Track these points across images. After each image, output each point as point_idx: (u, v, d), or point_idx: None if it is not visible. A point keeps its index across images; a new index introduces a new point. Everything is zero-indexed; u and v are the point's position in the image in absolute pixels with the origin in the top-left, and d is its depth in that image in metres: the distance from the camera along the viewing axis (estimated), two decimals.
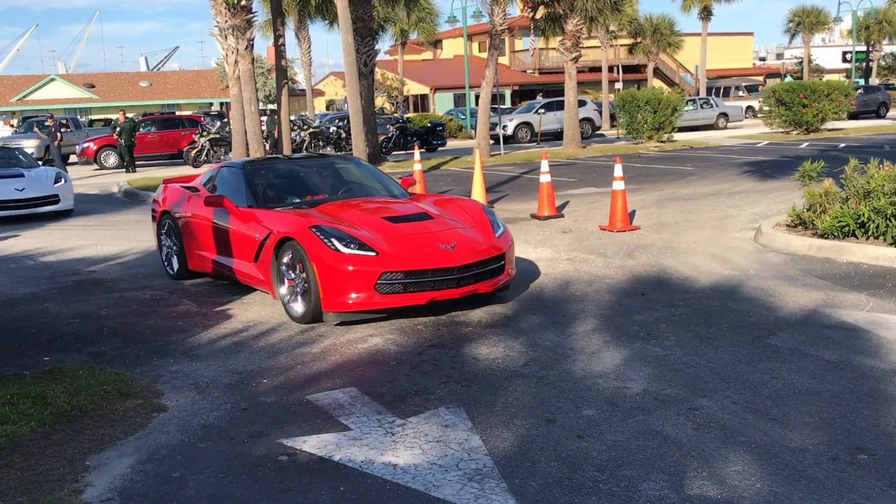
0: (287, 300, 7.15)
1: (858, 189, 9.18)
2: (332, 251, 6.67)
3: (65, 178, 15.95)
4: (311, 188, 8.59)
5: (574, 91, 27.34)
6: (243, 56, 19.39)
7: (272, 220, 7.43)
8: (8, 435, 4.67)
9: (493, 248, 7.23)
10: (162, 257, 9.40)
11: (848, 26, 62.29)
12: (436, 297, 6.77)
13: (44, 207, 15.35)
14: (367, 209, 7.63)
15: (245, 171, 8.48)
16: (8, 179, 15.34)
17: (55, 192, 15.48)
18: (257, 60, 44.71)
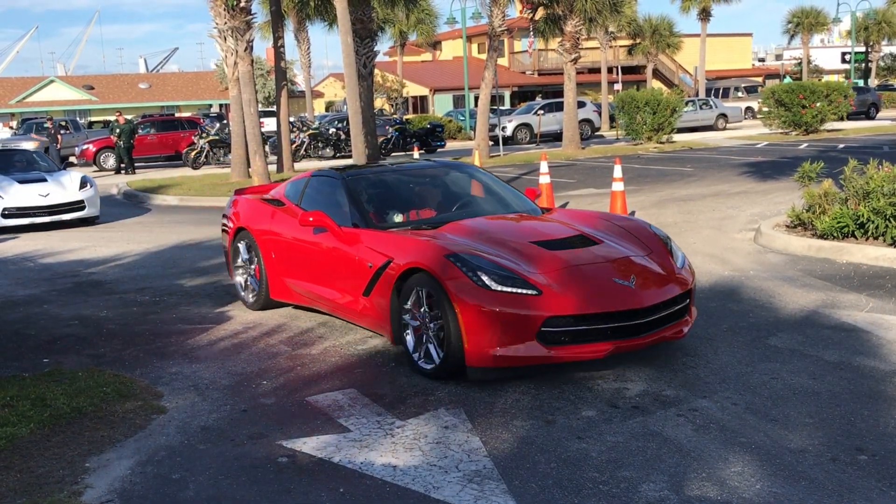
0: (413, 348, 5.72)
1: (858, 190, 9.18)
2: (480, 289, 5.19)
3: (90, 183, 14.90)
4: (426, 202, 7.09)
5: (573, 92, 27.35)
6: (242, 58, 19.39)
7: (389, 244, 6.00)
8: (7, 437, 4.67)
9: (678, 282, 5.74)
10: (237, 283, 7.91)
11: (847, 27, 62.33)
12: (617, 349, 5.29)
13: (69, 214, 14.31)
14: (507, 230, 6.16)
15: (346, 182, 6.95)
16: (31, 184, 14.32)
17: (81, 199, 14.42)
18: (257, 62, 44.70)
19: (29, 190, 14.12)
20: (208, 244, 11.75)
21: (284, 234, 7.15)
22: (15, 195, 13.98)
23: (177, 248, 11.52)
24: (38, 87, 57.64)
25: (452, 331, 5.26)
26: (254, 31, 20.09)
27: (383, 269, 5.86)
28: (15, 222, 13.86)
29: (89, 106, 56.95)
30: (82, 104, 57.17)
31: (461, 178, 7.50)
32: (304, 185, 7.44)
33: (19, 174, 14.84)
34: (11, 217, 13.86)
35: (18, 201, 13.92)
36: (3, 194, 13.95)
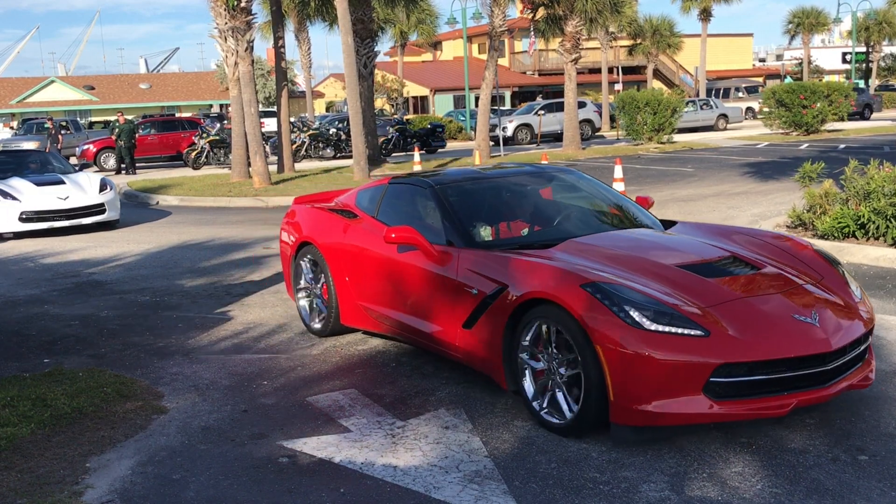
0: (532, 395, 4.70)
1: (858, 190, 9.18)
2: (631, 328, 4.17)
3: (110, 185, 14.16)
4: (534, 216, 5.99)
5: (574, 92, 27.34)
6: (243, 58, 19.39)
7: (498, 266, 4.98)
8: (8, 437, 4.67)
9: (861, 317, 4.70)
10: (299, 306, 6.94)
11: (847, 27, 62.32)
12: (800, 403, 4.26)
13: (89, 218, 13.51)
14: (640, 249, 5.12)
15: (438, 191, 5.83)
16: (49, 187, 13.56)
17: (101, 202, 13.64)
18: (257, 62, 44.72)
19: (47, 193, 13.39)
20: (209, 244, 11.76)
21: (360, 250, 6.13)
22: (33, 198, 13.24)
23: (177, 249, 11.52)
24: (38, 87, 57.66)
25: (593, 379, 4.25)
26: (254, 31, 20.09)
27: (493, 298, 4.86)
28: (33, 227, 13.17)
29: (90, 106, 56.97)
30: (83, 104, 57.18)
31: (566, 184, 6.34)
32: (381, 195, 6.38)
33: (35, 176, 14.15)
34: (29, 221, 13.13)
35: (37, 204, 13.17)
36: (21, 197, 13.20)
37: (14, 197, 13.16)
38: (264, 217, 14.74)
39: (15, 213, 13.04)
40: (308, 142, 29.14)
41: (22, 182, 13.65)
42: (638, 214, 6.03)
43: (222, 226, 13.80)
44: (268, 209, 16.01)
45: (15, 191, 13.30)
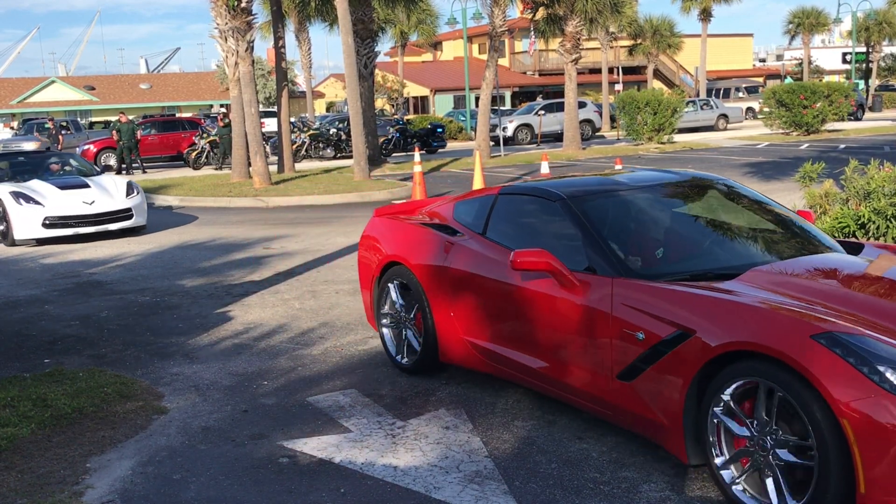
0: (733, 477, 3.66)
1: (859, 190, 9.18)
2: (889, 395, 3.16)
3: (136, 189, 13.33)
4: (695, 237, 4.91)
5: (574, 92, 27.35)
6: (243, 58, 19.40)
7: (679, 305, 3.89)
8: (8, 437, 4.67)
9: None
10: (382, 334, 5.94)
11: (848, 27, 62.32)
12: None
13: (116, 224, 12.72)
14: (855, 285, 4.11)
15: (573, 205, 4.76)
16: (73, 190, 12.73)
17: (128, 206, 12.87)
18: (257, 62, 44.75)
19: (71, 197, 12.55)
20: (209, 245, 11.76)
21: (467, 274, 5.13)
22: (57, 202, 12.38)
23: (177, 249, 11.52)
24: (39, 87, 57.69)
25: (832, 464, 3.23)
26: (254, 31, 20.09)
27: (671, 345, 3.82)
28: (57, 233, 12.30)
29: (90, 106, 57.00)
30: (83, 104, 57.21)
31: (722, 196, 5.22)
32: (489, 208, 5.35)
33: (57, 178, 13.39)
34: (53, 227, 12.27)
35: (61, 209, 12.32)
36: (44, 202, 12.35)
37: (36, 201, 12.34)
38: (264, 217, 14.75)
39: (38, 218, 12.22)
40: (308, 142, 29.15)
41: (44, 185, 12.84)
42: (815, 233, 4.96)
43: (223, 226, 13.80)
44: (268, 209, 16.01)
45: (37, 194, 12.49)
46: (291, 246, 11.24)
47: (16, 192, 12.46)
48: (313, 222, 13.66)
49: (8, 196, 12.40)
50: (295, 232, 12.57)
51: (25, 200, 12.33)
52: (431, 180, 19.54)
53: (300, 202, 16.70)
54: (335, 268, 9.52)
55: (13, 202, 12.29)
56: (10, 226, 12.24)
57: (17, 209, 12.22)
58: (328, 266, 9.67)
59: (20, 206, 12.24)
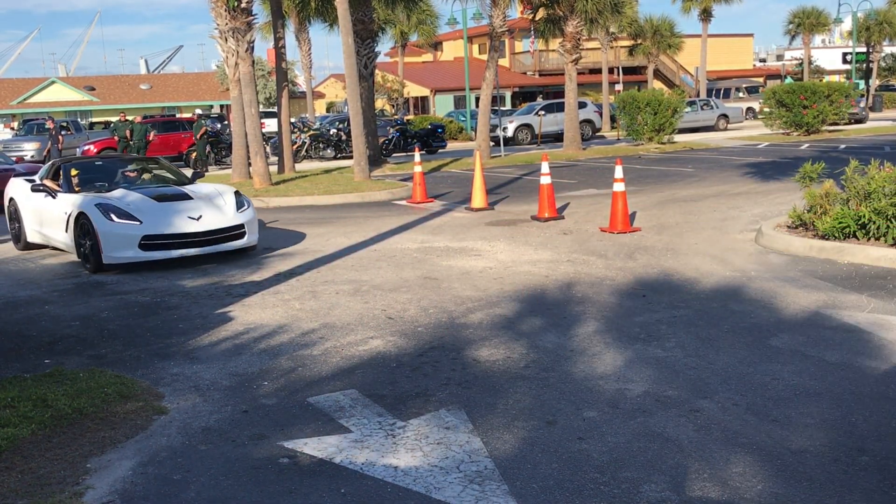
0: None
1: (859, 190, 9.18)
2: None
3: (247, 202, 10.95)
4: None
5: (574, 93, 27.34)
6: (243, 58, 19.40)
7: None
8: (9, 437, 4.67)
9: None
10: None
11: (848, 27, 62.31)
12: None
13: (227, 244, 10.32)
14: None
15: None
16: (174, 203, 10.40)
17: (241, 222, 10.46)
18: (257, 63, 44.74)
19: (173, 211, 10.21)
20: None
21: None
22: (157, 219, 10.01)
23: None
24: (39, 87, 57.71)
25: None
26: (255, 32, 20.09)
27: None
28: (158, 255, 9.87)
29: (90, 107, 57.04)
30: (83, 105, 57.24)
31: None
32: None
33: (149, 188, 11.09)
34: (153, 249, 9.86)
35: (163, 226, 9.95)
36: (141, 217, 9.92)
37: (132, 216, 9.90)
38: (265, 217, 14.74)
39: (134, 237, 9.75)
40: (309, 142, 29.15)
41: (136, 196, 10.46)
42: None
43: None
44: (268, 209, 16.01)
45: (131, 208, 10.07)
46: (292, 246, 11.24)
47: (104, 204, 10.03)
48: (314, 223, 13.65)
49: (95, 210, 9.92)
50: (296, 232, 12.57)
51: (117, 215, 9.85)
52: (432, 181, 19.54)
53: (300, 202, 16.70)
54: (335, 268, 9.52)
55: (101, 217, 9.82)
56: (99, 246, 9.77)
57: (107, 226, 9.75)
58: (328, 266, 9.67)
59: (111, 222, 9.77)
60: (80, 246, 10.14)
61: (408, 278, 8.81)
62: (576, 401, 5.04)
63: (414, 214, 14.08)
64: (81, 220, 10.01)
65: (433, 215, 13.85)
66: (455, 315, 7.20)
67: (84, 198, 10.29)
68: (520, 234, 11.46)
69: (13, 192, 12.19)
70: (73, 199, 10.43)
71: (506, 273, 8.86)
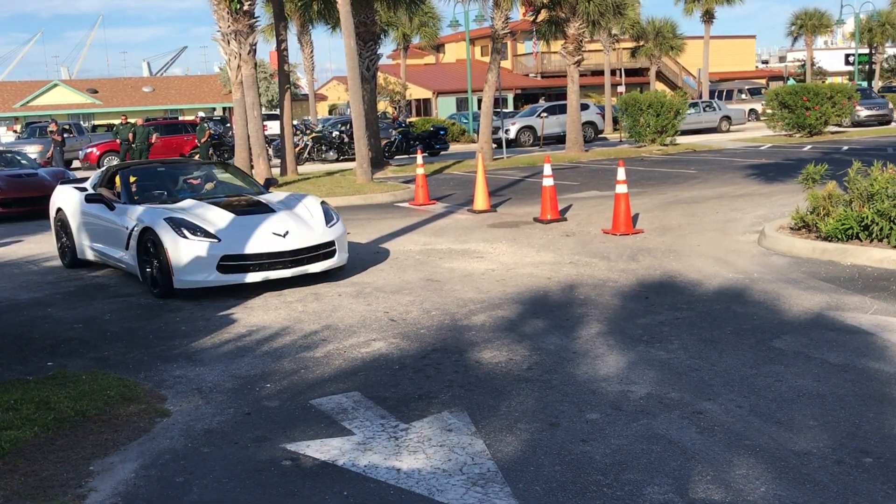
0: None
1: (862, 192, 9.16)
2: None
3: (335, 215, 9.36)
4: None
5: (576, 94, 27.34)
6: (246, 61, 19.42)
7: None
8: (11, 440, 4.67)
9: None
10: None
11: (850, 29, 62.26)
12: None
13: (318, 264, 8.79)
14: None
15: None
16: (255, 216, 8.87)
17: (331, 239, 8.91)
18: (260, 65, 44.75)
19: (255, 225, 8.65)
20: None
21: None
22: (237, 235, 8.45)
23: None
24: (42, 90, 57.80)
25: None
26: (257, 34, 20.12)
27: None
28: (239, 279, 8.38)
29: (93, 110, 57.12)
30: (86, 108, 57.33)
31: None
32: None
33: (220, 198, 9.65)
34: (233, 271, 8.35)
35: (245, 245, 8.39)
36: (220, 235, 8.41)
37: (208, 233, 8.40)
38: None
39: (211, 258, 8.26)
40: (311, 145, 29.16)
41: (210, 208, 8.96)
42: None
43: None
44: None
45: (207, 223, 8.58)
46: None
47: (175, 218, 8.58)
48: None
49: (164, 225, 8.47)
50: None
51: (191, 231, 8.40)
52: (434, 182, 19.54)
53: None
54: (338, 270, 9.51)
55: (172, 234, 8.37)
56: (170, 267, 8.29)
57: (179, 244, 8.29)
58: None
59: (185, 239, 8.33)
60: (144, 266, 8.72)
61: (410, 280, 8.81)
62: (579, 403, 5.03)
63: (416, 216, 14.08)
64: (147, 236, 8.60)
65: (435, 217, 13.85)
66: (457, 317, 7.20)
67: (149, 210, 8.94)
68: (522, 236, 11.45)
69: (61, 201, 10.81)
70: (136, 211, 9.07)
71: (508, 275, 8.85)
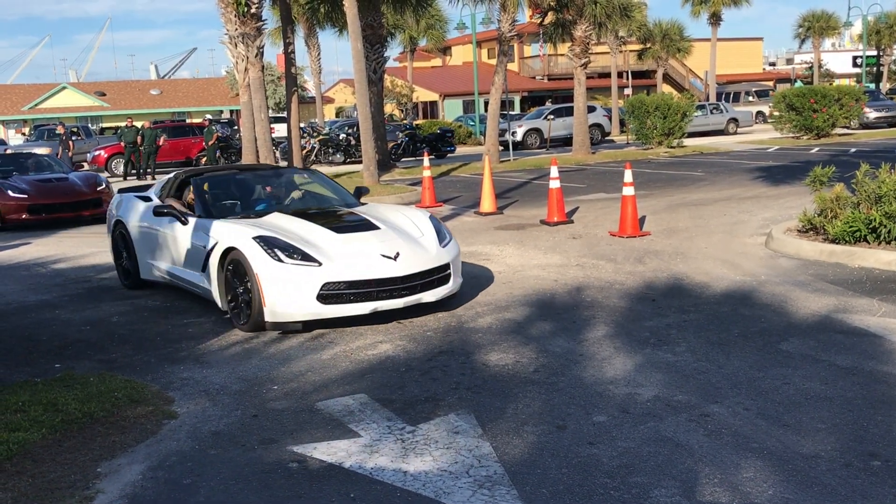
0: None
1: (870, 194, 9.14)
2: None
3: (447, 232, 7.91)
4: None
5: (583, 97, 27.32)
6: (253, 64, 19.45)
7: None
8: (19, 442, 4.69)
9: None
10: None
11: (858, 31, 62.09)
12: None
13: (431, 292, 7.27)
14: None
15: None
16: (357, 233, 7.37)
17: (447, 261, 7.46)
18: (267, 68, 44.85)
19: (360, 245, 7.16)
20: None
21: None
22: (340, 257, 6.98)
23: None
24: (50, 93, 58.00)
25: None
26: (264, 37, 20.15)
27: None
28: (342, 311, 6.90)
29: (101, 112, 57.30)
30: (94, 111, 57.52)
31: None
32: None
33: (310, 211, 8.18)
34: (338, 301, 6.87)
35: (350, 269, 6.90)
36: (320, 257, 6.91)
37: (307, 255, 6.91)
38: None
39: (311, 285, 6.78)
40: (318, 147, 29.21)
41: (304, 225, 7.45)
42: None
43: None
44: None
45: (304, 242, 7.09)
46: None
47: (267, 237, 7.04)
48: None
49: (253, 245, 6.97)
50: None
51: (286, 252, 6.88)
52: (440, 185, 19.54)
53: None
54: None
55: (264, 255, 6.88)
56: (261, 296, 6.83)
57: (273, 269, 6.81)
58: None
59: (280, 263, 6.82)
60: (227, 293, 7.37)
61: None
62: (585, 405, 5.03)
63: None
64: (231, 257, 7.19)
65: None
66: (464, 319, 7.19)
67: (231, 225, 7.48)
68: (529, 238, 11.44)
69: (121, 212, 9.34)
70: (215, 226, 7.62)
71: (515, 277, 8.85)
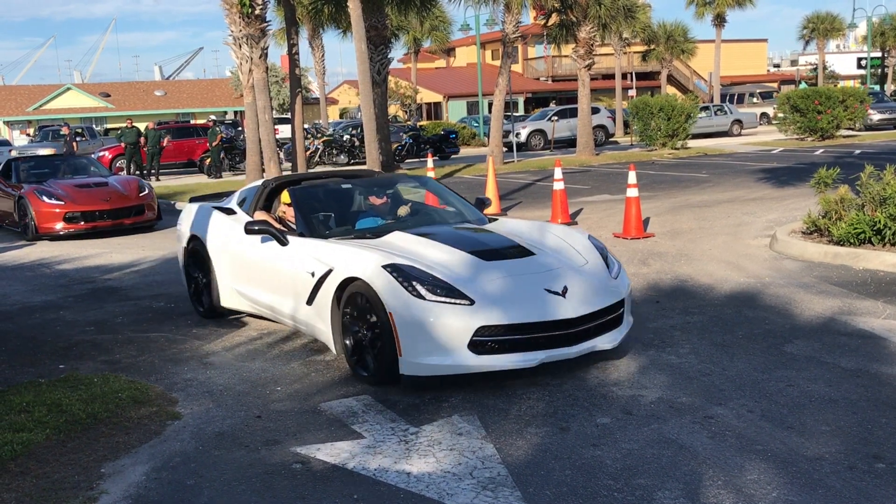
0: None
1: (874, 196, 9.12)
2: None
3: (614, 260, 6.33)
4: None
5: (587, 98, 27.32)
6: (257, 65, 19.47)
7: None
8: (23, 442, 4.70)
9: None
10: None
11: (863, 32, 62.05)
12: None
13: (606, 335, 5.68)
14: None
15: None
16: (509, 261, 5.74)
17: (622, 297, 5.89)
18: (271, 69, 44.91)
19: (516, 277, 5.57)
20: None
21: None
22: (495, 293, 5.39)
23: None
24: (55, 94, 58.13)
25: None
26: (268, 38, 20.17)
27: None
28: (502, 363, 5.24)
29: (105, 113, 57.43)
30: (98, 112, 57.64)
31: None
32: None
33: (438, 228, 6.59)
34: (493, 350, 5.24)
35: (512, 308, 5.30)
36: (470, 292, 5.32)
37: (455, 290, 5.33)
38: None
39: (462, 330, 5.18)
40: (322, 148, 29.23)
41: (439, 249, 5.85)
42: None
43: None
44: None
45: (446, 272, 5.51)
46: None
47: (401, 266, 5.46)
48: None
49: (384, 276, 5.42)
50: None
51: (429, 288, 5.33)
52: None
53: None
54: None
55: (399, 290, 5.33)
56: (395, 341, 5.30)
57: (412, 307, 5.26)
58: None
59: (421, 300, 5.26)
60: (345, 335, 5.80)
61: None
62: (589, 407, 5.02)
63: None
64: (352, 289, 5.65)
65: None
66: None
67: (351, 249, 5.88)
68: None
69: (195, 226, 7.79)
70: (329, 250, 6.01)
71: None
